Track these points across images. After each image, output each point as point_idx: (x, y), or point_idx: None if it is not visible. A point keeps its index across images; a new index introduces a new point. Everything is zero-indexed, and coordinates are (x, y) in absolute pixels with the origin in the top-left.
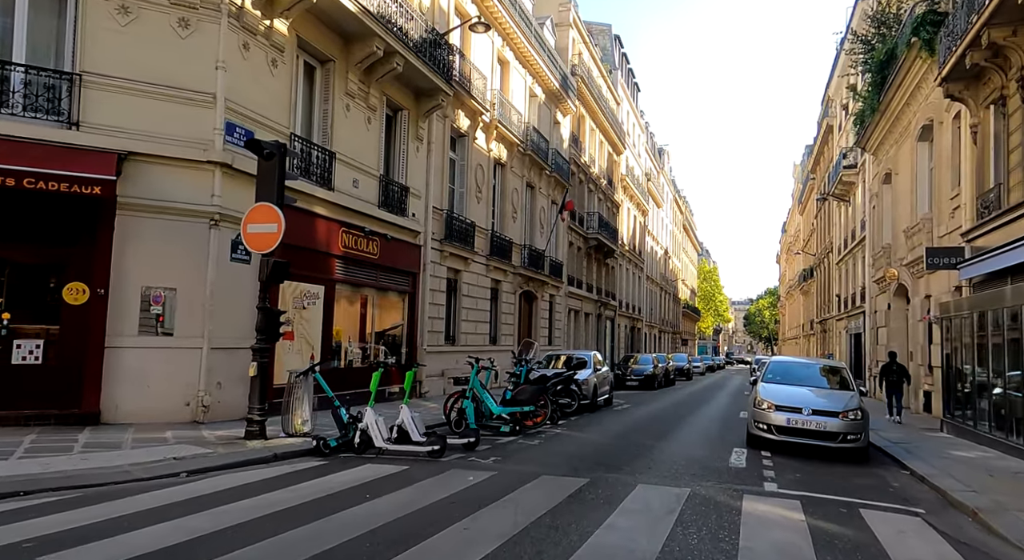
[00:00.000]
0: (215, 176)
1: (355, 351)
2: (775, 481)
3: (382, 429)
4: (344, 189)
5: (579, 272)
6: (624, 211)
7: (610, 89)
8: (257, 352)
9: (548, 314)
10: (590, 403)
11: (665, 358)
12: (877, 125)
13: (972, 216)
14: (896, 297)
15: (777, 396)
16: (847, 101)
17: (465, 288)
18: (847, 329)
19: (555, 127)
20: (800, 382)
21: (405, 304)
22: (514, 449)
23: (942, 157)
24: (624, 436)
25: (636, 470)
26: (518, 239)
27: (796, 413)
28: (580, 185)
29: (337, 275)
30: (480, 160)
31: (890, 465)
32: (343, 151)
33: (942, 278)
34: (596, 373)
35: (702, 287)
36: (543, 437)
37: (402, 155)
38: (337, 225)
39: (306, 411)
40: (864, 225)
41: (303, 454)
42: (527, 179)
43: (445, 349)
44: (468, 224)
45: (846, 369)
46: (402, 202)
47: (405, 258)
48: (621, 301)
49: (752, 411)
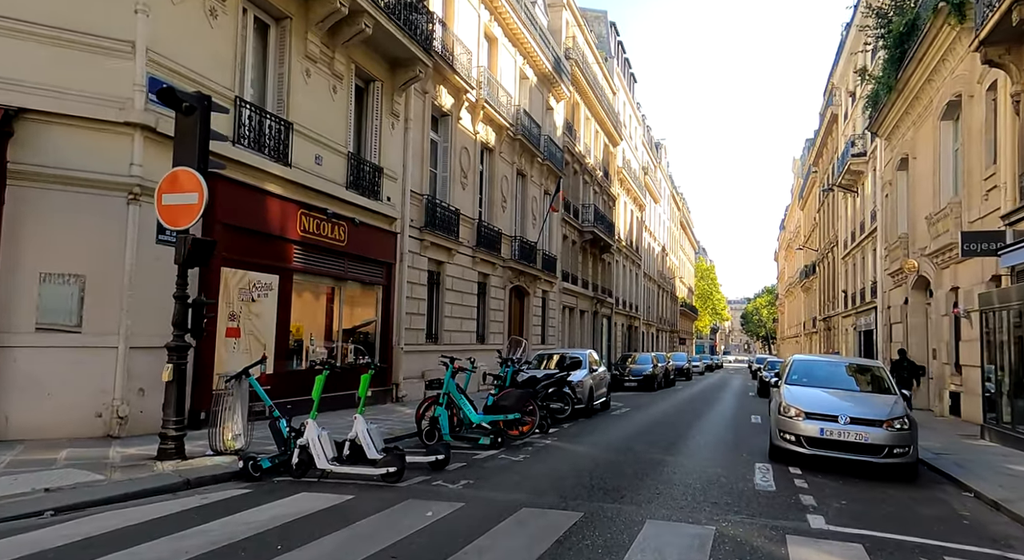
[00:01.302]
0: (135, 141)
1: (319, 350)
2: (819, 512)
3: (326, 446)
4: (304, 166)
5: (574, 267)
6: (620, 205)
7: (606, 77)
8: (173, 351)
9: (541, 311)
10: (585, 407)
11: (664, 357)
12: (893, 106)
13: (1014, 196)
14: (915, 291)
15: (806, 402)
16: (854, 87)
17: (449, 282)
18: (855, 326)
19: (548, 113)
20: (829, 384)
21: (379, 298)
22: (493, 468)
23: (972, 134)
24: (625, 448)
25: (643, 498)
26: (508, 230)
27: (830, 422)
28: (575, 176)
29: (295, 263)
30: (465, 143)
31: (944, 483)
32: (303, 122)
33: (973, 268)
34: (592, 374)
35: (699, 285)
36: (530, 450)
37: (375, 132)
38: (294, 206)
39: (238, 424)
40: (875, 216)
41: (226, 478)
42: (518, 166)
43: (426, 348)
44: (452, 211)
45: (883, 368)
46: (375, 184)
47: (378, 246)
48: (618, 298)
49: (776, 419)
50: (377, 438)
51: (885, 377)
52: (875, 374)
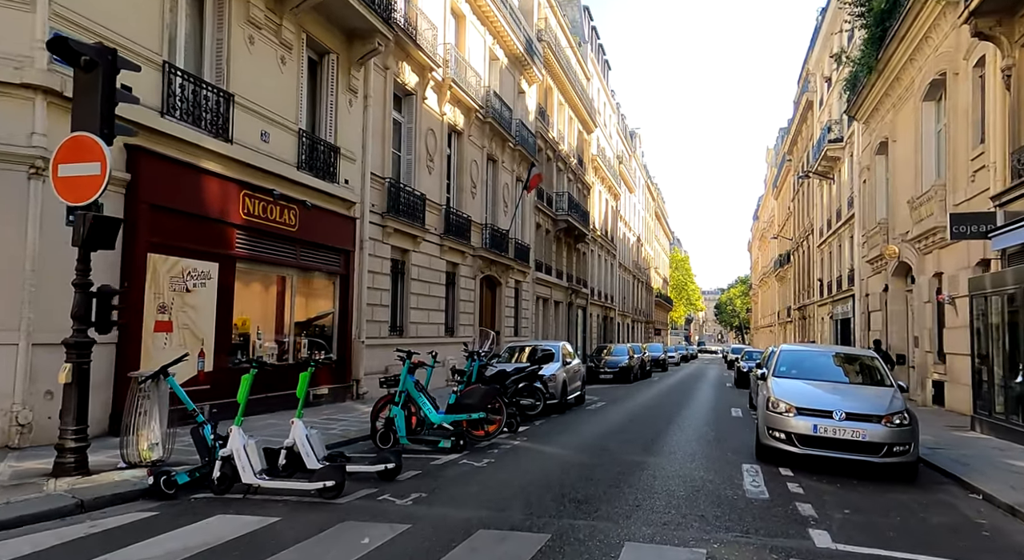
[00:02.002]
0: (36, 106)
1: (268, 345)
2: (822, 525)
3: (253, 457)
4: (249, 142)
5: (548, 257)
6: (595, 194)
7: (579, 62)
8: (73, 348)
9: (514, 302)
10: (559, 403)
11: (640, 349)
12: (872, 88)
13: (1004, 176)
14: (895, 277)
15: (797, 396)
16: (830, 73)
17: (415, 271)
18: (831, 315)
19: (520, 97)
20: (820, 376)
21: (336, 288)
22: (452, 476)
23: (958, 113)
24: (601, 448)
25: (620, 511)
26: (478, 217)
27: (824, 418)
28: (548, 163)
29: (238, 249)
30: (432, 124)
31: (947, 483)
32: (246, 95)
33: (958, 253)
34: (565, 367)
35: (674, 276)
36: (496, 453)
37: (330, 109)
38: (236, 186)
39: (155, 431)
40: (852, 202)
41: (133, 497)
42: (488, 151)
43: (390, 341)
44: (417, 197)
45: (876, 358)
46: (331, 165)
47: (335, 232)
48: (593, 289)
49: (764, 415)
50: (318, 445)
51: (879, 367)
52: (869, 364)
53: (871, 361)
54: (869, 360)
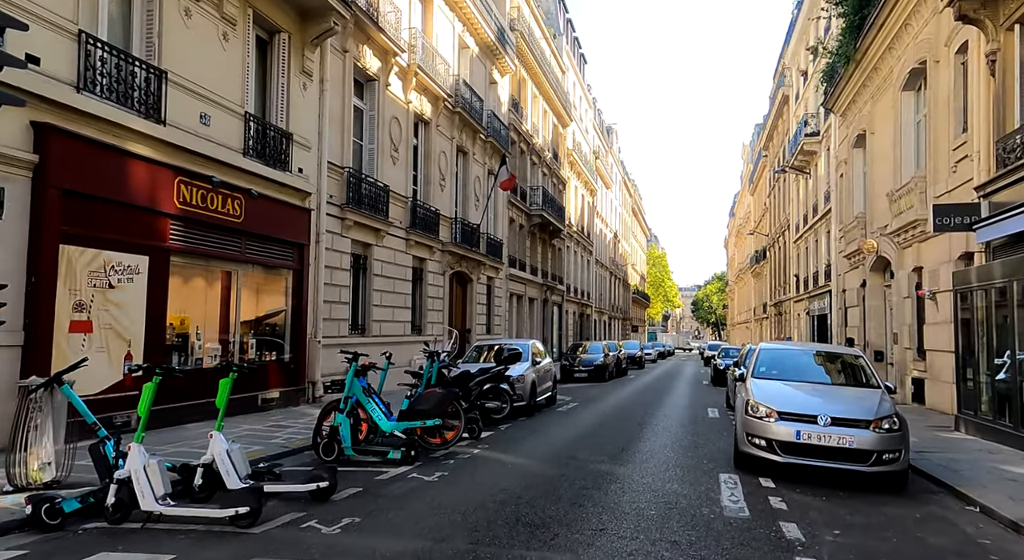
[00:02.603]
0: None
1: (209, 347)
2: (811, 552)
3: (156, 478)
4: (185, 125)
5: (522, 253)
6: (571, 189)
7: (554, 54)
8: None
9: (486, 299)
10: (527, 405)
11: (616, 346)
12: (850, 79)
13: (988, 166)
14: (873, 272)
15: (778, 399)
16: (806, 66)
17: (378, 266)
18: (808, 311)
19: (492, 87)
20: (803, 377)
21: (289, 284)
22: (395, 494)
23: (938, 102)
24: (568, 456)
25: (581, 537)
26: (447, 211)
27: (809, 424)
28: (522, 156)
29: (172, 242)
30: (396, 112)
31: (939, 493)
32: (182, 73)
33: (939, 246)
34: (535, 367)
35: (651, 273)
36: (451, 464)
37: (282, 92)
38: (170, 172)
39: (47, 449)
40: (829, 197)
41: (9, 530)
42: (458, 142)
43: (351, 341)
44: (380, 188)
45: (862, 357)
46: (283, 153)
47: (288, 224)
48: (569, 286)
49: (743, 420)
50: (241, 461)
51: (866, 367)
52: (853, 363)
53: (855, 360)
54: (853, 358)
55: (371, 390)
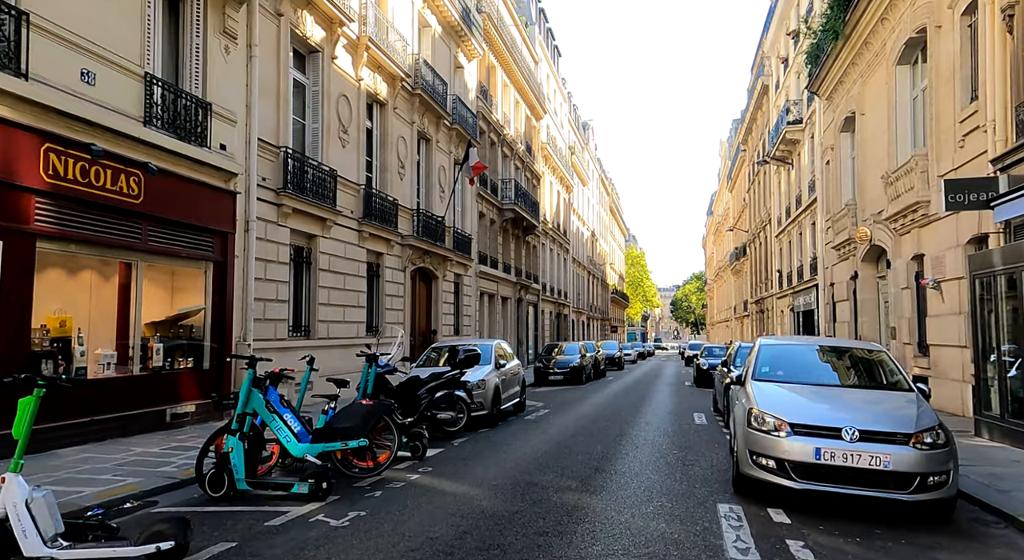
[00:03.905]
0: None
1: (101, 353)
2: None
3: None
4: (58, 81)
5: (493, 249)
6: (546, 184)
7: (526, 43)
8: None
9: (454, 298)
10: (489, 414)
11: (594, 346)
12: (838, 57)
13: (1007, 135)
14: (865, 263)
15: (789, 407)
16: (787, 54)
17: (325, 260)
18: (792, 307)
19: (457, 72)
20: (815, 379)
21: (209, 278)
22: (278, 554)
23: (941, 72)
24: (527, 483)
25: None
26: (407, 202)
27: (831, 439)
28: (492, 147)
29: (39, 224)
30: (346, 90)
31: (998, 525)
32: (54, 18)
33: (944, 230)
34: (500, 370)
35: (630, 272)
36: (375, 499)
37: (195, 54)
38: (34, 138)
39: None
40: (814, 186)
41: None
42: (419, 128)
43: (292, 344)
44: (326, 172)
45: (885, 351)
46: (199, 125)
47: (205, 209)
48: (545, 284)
49: (744, 434)
50: (47, 516)
51: (891, 364)
52: (875, 360)
53: (875, 355)
54: (874, 354)
55: (288, 403)
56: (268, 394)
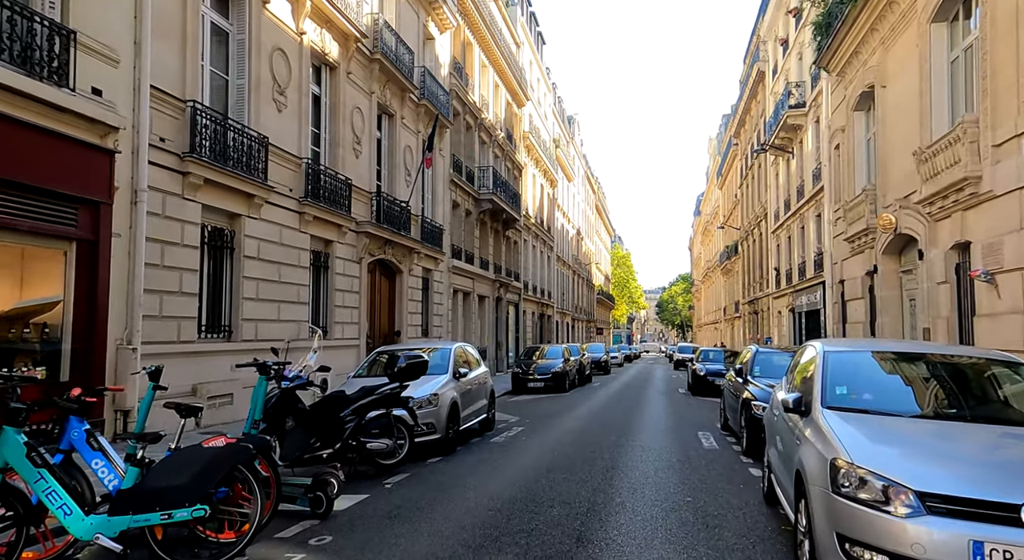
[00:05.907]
0: None
1: None
2: None
3: None
4: None
5: (469, 243)
6: (528, 177)
7: (507, 23)
8: None
9: (422, 295)
10: (443, 438)
11: (579, 350)
12: (855, 22)
13: None
14: (886, 256)
15: (910, 462)
16: (787, 35)
17: (252, 246)
18: (792, 307)
19: (428, 43)
20: (931, 409)
21: (71, 261)
22: None
23: (998, 19)
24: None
25: None
26: (365, 184)
27: (1001, 525)
28: (468, 131)
29: None
30: (283, 43)
31: None
32: None
33: (1000, 210)
34: (460, 381)
35: (616, 273)
36: None
37: None
38: None
39: None
40: (820, 174)
41: None
42: (380, 100)
43: (204, 347)
44: (253, 139)
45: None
46: (55, 58)
47: (64, 170)
48: (527, 283)
49: (828, 504)
50: None
51: None
52: (1004, 376)
53: (1009, 369)
54: (1009, 367)
55: (100, 445)
56: (68, 430)
